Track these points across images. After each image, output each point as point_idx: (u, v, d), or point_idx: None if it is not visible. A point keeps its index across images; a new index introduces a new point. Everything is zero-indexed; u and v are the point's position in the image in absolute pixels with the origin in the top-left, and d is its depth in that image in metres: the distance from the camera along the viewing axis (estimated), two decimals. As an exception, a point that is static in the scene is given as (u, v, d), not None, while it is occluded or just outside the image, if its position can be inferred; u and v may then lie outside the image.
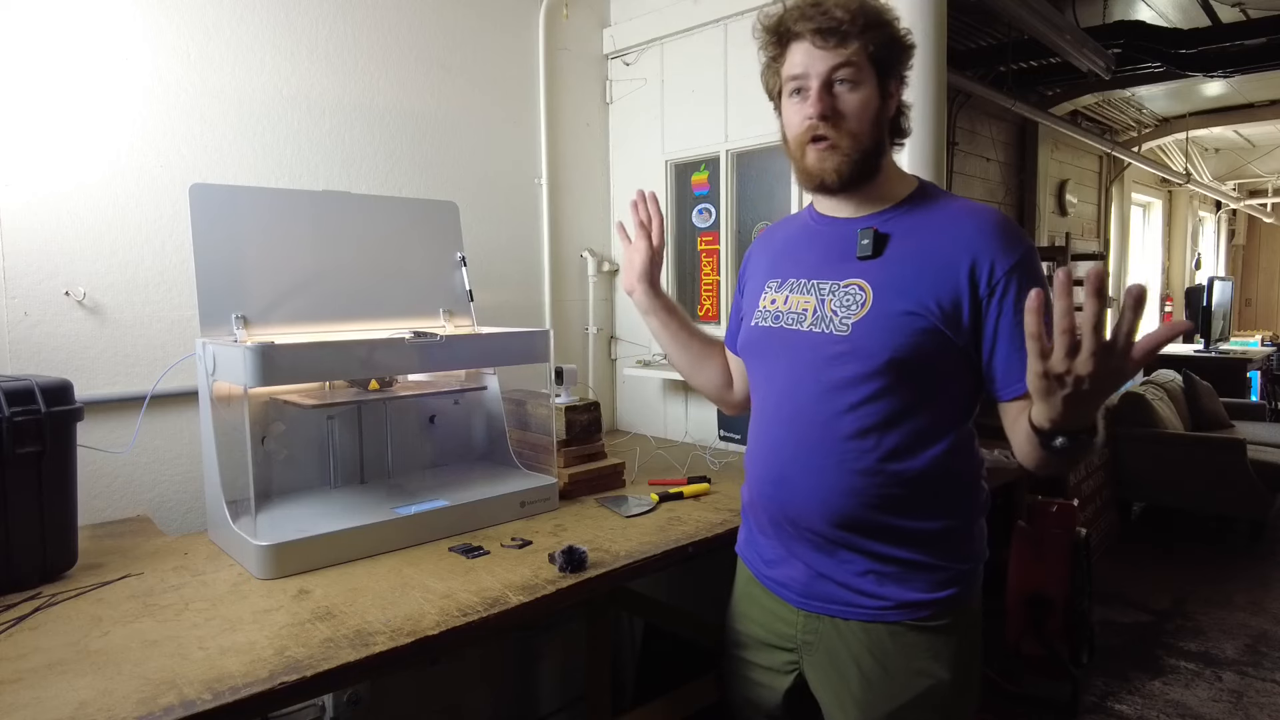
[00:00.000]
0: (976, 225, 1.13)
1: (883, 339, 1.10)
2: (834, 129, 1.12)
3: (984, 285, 1.09)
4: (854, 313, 1.13)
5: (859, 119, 1.13)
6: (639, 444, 2.50)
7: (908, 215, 1.18)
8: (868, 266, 1.15)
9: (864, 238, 1.16)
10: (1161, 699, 2.74)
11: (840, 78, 1.12)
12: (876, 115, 1.15)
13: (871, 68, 1.13)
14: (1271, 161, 8.09)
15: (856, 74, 1.12)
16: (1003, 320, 1.10)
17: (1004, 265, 1.09)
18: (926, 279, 1.11)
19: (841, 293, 1.16)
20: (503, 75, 2.48)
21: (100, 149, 1.74)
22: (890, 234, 1.16)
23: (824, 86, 1.12)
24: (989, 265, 1.09)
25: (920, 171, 1.86)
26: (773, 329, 1.23)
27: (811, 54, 1.12)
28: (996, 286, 1.09)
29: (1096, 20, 4.20)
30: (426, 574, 1.40)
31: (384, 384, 1.73)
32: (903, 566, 1.15)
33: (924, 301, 1.10)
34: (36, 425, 1.34)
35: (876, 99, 1.14)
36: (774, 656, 1.27)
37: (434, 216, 2.00)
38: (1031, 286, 1.09)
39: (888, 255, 1.15)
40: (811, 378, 1.16)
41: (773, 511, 1.22)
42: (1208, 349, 6.92)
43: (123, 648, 1.13)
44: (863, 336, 1.12)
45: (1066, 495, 3.53)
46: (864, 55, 1.11)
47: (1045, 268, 4.21)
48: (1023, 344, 1.05)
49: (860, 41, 1.11)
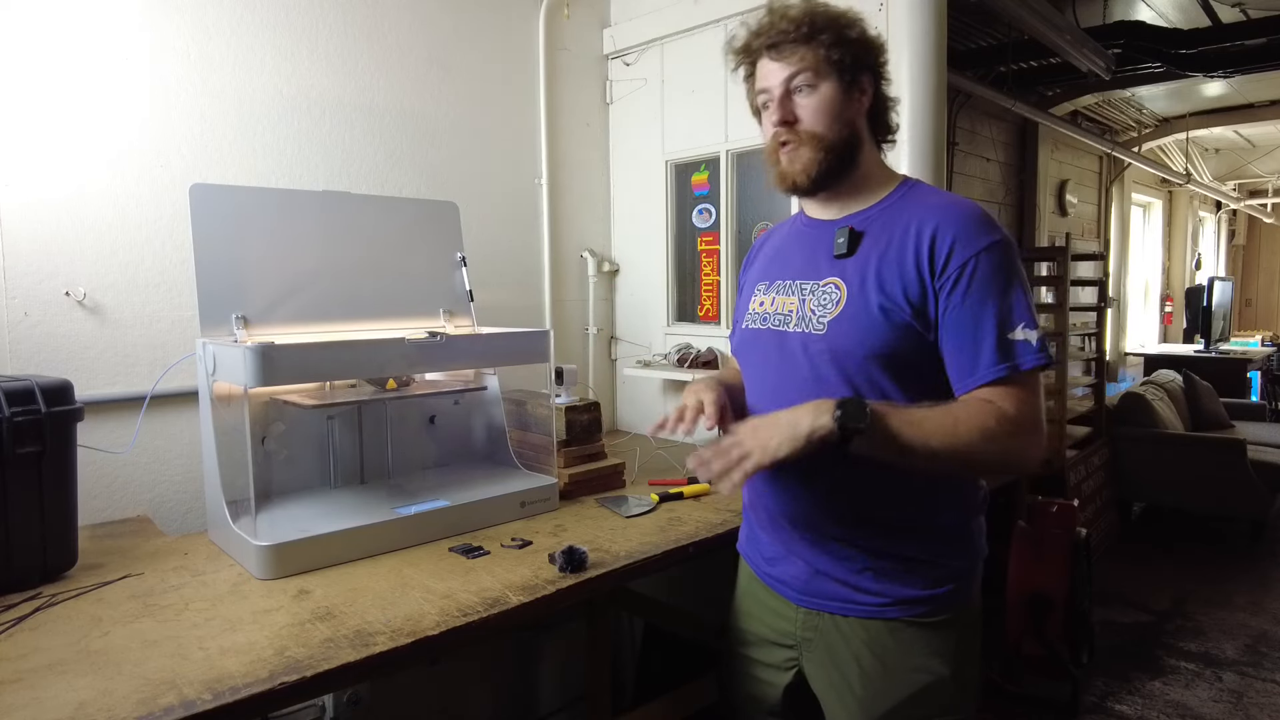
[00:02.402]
0: (945, 213, 1.11)
1: (858, 336, 1.11)
2: (794, 133, 1.16)
3: (939, 272, 1.08)
4: (830, 311, 1.14)
5: (816, 119, 1.15)
6: (639, 444, 2.50)
7: (885, 212, 1.18)
8: (843, 265, 1.16)
9: (840, 236, 1.18)
10: (1161, 699, 2.74)
11: (797, 85, 1.16)
12: (839, 113, 1.16)
13: (830, 68, 1.15)
14: (1271, 161, 8.09)
15: (812, 78, 1.15)
16: (950, 312, 1.07)
17: (963, 253, 1.07)
18: (894, 272, 1.11)
19: (820, 292, 1.17)
20: (503, 75, 2.48)
21: (101, 149, 1.74)
22: (865, 231, 1.17)
23: (784, 96, 1.16)
24: (946, 252, 1.08)
25: (920, 171, 1.86)
26: (760, 330, 1.24)
27: (769, 68, 1.17)
28: (951, 274, 1.07)
29: (1096, 20, 4.20)
30: (426, 574, 1.40)
31: (401, 383, 1.74)
32: (901, 563, 1.15)
33: (893, 296, 1.10)
34: (37, 425, 1.34)
35: (838, 97, 1.16)
36: (774, 653, 1.28)
37: (434, 216, 2.00)
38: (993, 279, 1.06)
39: (861, 252, 1.16)
40: (798, 377, 1.17)
41: (771, 510, 1.23)
42: (1208, 349, 6.92)
43: (123, 648, 1.13)
44: (838, 335, 1.13)
45: (1066, 495, 3.53)
46: (818, 58, 1.14)
47: (1044, 268, 4.22)
48: (971, 337, 1.06)
49: (809, 46, 1.14)
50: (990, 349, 1.05)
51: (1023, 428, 1.05)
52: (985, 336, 1.06)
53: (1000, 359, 1.05)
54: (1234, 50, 4.29)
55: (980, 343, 1.06)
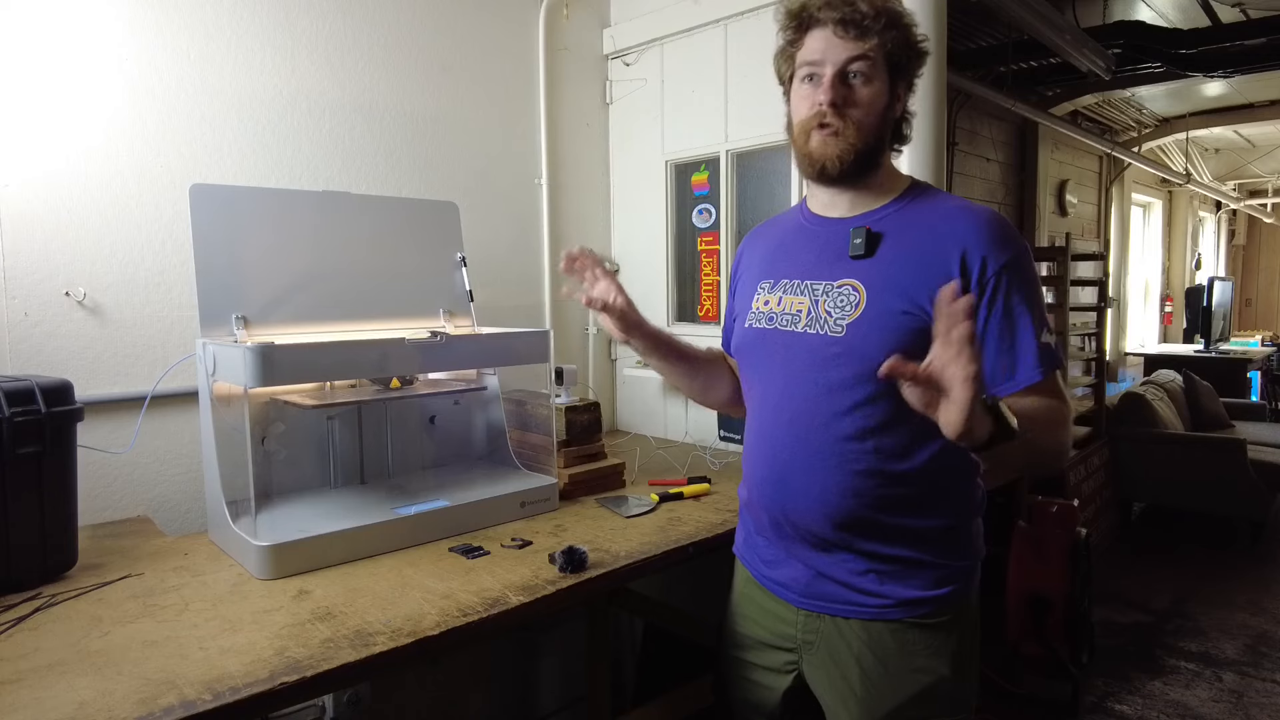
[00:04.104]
0: (969, 222, 1.13)
1: (878, 339, 1.10)
2: (840, 118, 1.13)
3: (974, 282, 1.09)
4: (848, 314, 1.13)
5: (867, 111, 1.14)
6: (639, 444, 2.50)
7: (900, 214, 1.18)
8: (861, 266, 1.15)
9: (856, 237, 1.16)
10: (1162, 699, 2.74)
11: (855, 70, 1.13)
12: (883, 112, 1.16)
13: (885, 66, 1.14)
14: (1271, 161, 8.09)
15: (871, 68, 1.13)
16: (991, 321, 1.10)
17: (996, 263, 1.09)
18: (920, 277, 1.10)
19: (835, 293, 1.16)
20: (503, 75, 2.48)
21: (100, 149, 1.74)
22: (883, 233, 1.16)
23: (838, 75, 1.13)
24: (980, 262, 1.09)
25: (920, 171, 1.86)
26: (766, 330, 1.23)
27: (831, 42, 1.13)
28: (987, 285, 1.09)
29: (1096, 20, 4.20)
30: (426, 574, 1.40)
31: (405, 382, 1.74)
32: (903, 565, 1.15)
33: (918, 300, 1.10)
34: (37, 425, 1.34)
35: (886, 96, 1.15)
36: (773, 657, 1.27)
37: (434, 216, 2.00)
38: (1023, 288, 1.10)
39: (880, 255, 1.15)
40: (809, 379, 1.16)
41: (773, 512, 1.22)
42: (1208, 349, 6.92)
43: (123, 648, 1.13)
44: (858, 337, 1.12)
45: (1066, 495, 3.53)
46: (881, 52, 1.13)
47: (1044, 268, 4.23)
48: (1010, 344, 1.09)
49: (880, 38, 1.12)
50: (1031, 353, 1.09)
51: (1069, 421, 1.12)
52: (1024, 343, 1.09)
53: (1039, 363, 1.09)
54: (1234, 50, 4.29)
55: (1019, 348, 1.09)
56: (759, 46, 2.26)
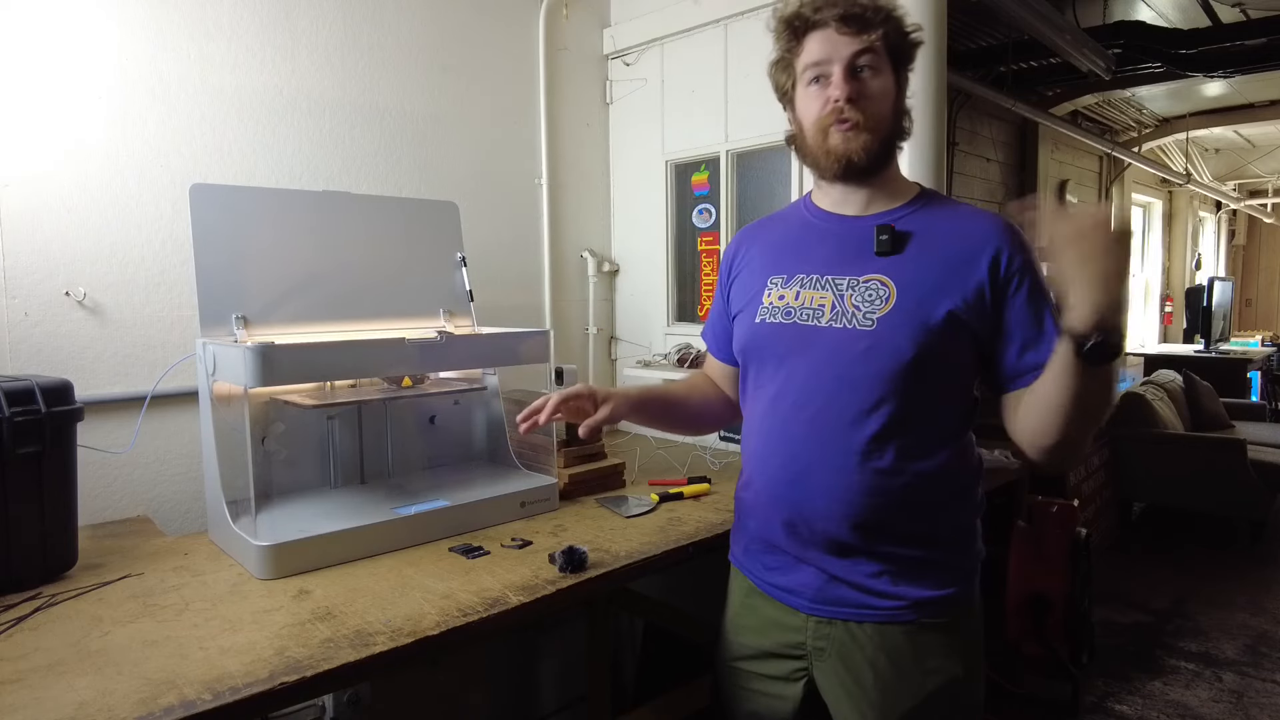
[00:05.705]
0: (992, 222, 1.17)
1: (909, 333, 1.10)
2: (859, 111, 1.13)
3: (1003, 276, 1.13)
4: (878, 308, 1.13)
5: (880, 103, 1.15)
6: (639, 444, 2.50)
7: (921, 215, 1.18)
8: (888, 262, 1.15)
9: (882, 234, 1.16)
10: (1162, 699, 2.74)
11: (863, 64, 1.13)
12: (894, 103, 1.17)
13: (889, 58, 1.15)
14: (1271, 161, 8.09)
15: (877, 60, 1.14)
16: (1016, 313, 1.13)
17: (1019, 259, 1.13)
18: (951, 275, 1.12)
19: (862, 288, 1.15)
20: (503, 75, 2.48)
21: (101, 149, 1.74)
22: (911, 232, 1.16)
23: (848, 71, 1.13)
24: (1008, 258, 1.13)
25: (920, 171, 1.86)
26: (784, 325, 1.19)
27: (834, 40, 1.13)
28: (1012, 279, 1.13)
29: (1096, 20, 4.21)
30: (426, 574, 1.40)
31: (416, 381, 1.75)
32: (915, 565, 1.15)
33: (951, 297, 1.11)
34: (37, 425, 1.34)
35: (894, 87, 1.16)
36: (780, 665, 1.24)
37: (434, 216, 2.00)
38: (1039, 278, 1.14)
39: (910, 252, 1.15)
40: (832, 375, 1.14)
41: (787, 514, 1.18)
42: (1208, 349, 6.92)
43: (123, 648, 1.13)
44: (888, 331, 1.11)
45: (1066, 495, 3.53)
46: (884, 44, 1.14)
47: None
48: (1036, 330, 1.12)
49: (882, 30, 1.13)
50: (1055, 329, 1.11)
51: None
52: (1048, 321, 1.12)
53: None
54: (1234, 50, 4.29)
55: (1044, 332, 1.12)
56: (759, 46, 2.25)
